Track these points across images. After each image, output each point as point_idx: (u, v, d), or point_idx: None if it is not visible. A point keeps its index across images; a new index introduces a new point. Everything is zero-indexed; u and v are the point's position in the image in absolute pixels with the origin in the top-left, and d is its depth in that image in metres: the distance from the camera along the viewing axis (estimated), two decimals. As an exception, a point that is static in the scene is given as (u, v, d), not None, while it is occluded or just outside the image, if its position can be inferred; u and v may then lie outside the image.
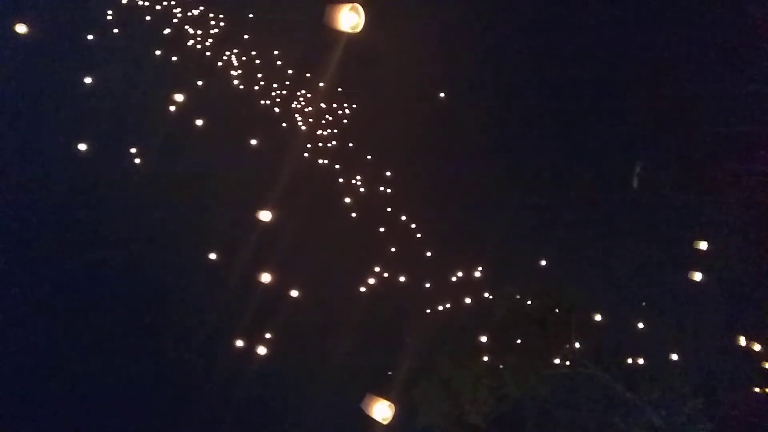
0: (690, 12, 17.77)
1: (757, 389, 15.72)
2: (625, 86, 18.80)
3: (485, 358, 16.93)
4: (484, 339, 17.60)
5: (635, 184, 18.21)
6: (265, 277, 16.30)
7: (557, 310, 17.47)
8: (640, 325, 16.92)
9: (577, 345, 17.01)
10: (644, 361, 16.58)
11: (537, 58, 20.43)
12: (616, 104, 18.82)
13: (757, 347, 15.90)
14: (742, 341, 15.88)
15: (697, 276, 15.81)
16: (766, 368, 15.74)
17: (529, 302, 17.80)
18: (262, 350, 17.58)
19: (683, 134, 18.09)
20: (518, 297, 18.04)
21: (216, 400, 19.20)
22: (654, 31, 18.34)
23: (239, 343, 18.21)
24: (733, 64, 16.68)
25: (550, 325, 17.37)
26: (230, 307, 18.96)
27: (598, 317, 17.32)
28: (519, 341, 17.25)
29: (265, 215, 14.79)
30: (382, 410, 8.58)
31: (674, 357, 16.01)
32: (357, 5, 7.19)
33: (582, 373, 16.73)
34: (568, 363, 16.94)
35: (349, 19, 7.24)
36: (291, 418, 19.63)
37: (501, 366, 16.65)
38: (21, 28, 16.59)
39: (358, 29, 7.41)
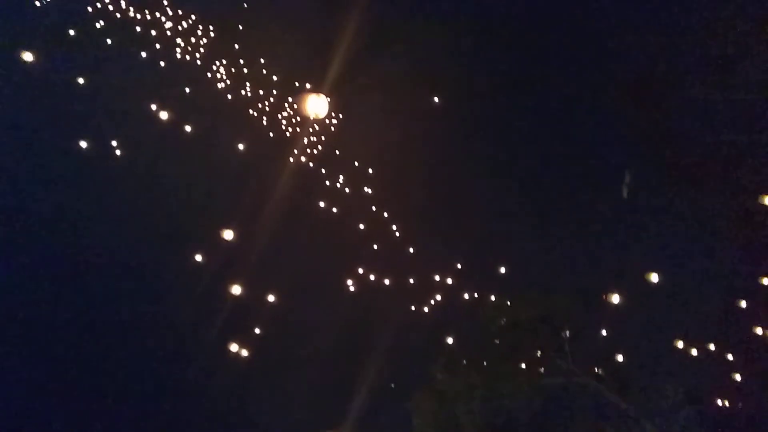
0: (679, 20, 18.23)
1: (720, 401, 15.74)
2: (614, 94, 19.15)
3: (479, 369, 16.82)
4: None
5: (625, 193, 18.42)
6: (236, 289, 16.99)
7: (549, 320, 17.44)
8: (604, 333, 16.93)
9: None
10: (637, 369, 16.62)
11: (525, 65, 20.78)
12: (605, 110, 19.21)
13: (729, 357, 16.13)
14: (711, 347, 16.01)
15: (615, 298, 16.05)
16: (735, 379, 15.84)
17: (520, 311, 17.75)
18: (244, 353, 17.60)
19: (670, 142, 18.43)
20: (509, 305, 18.02)
21: (195, 404, 19.06)
22: (642, 38, 18.78)
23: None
24: (721, 73, 17.11)
25: (542, 334, 17.34)
26: (212, 309, 18.88)
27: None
28: (512, 351, 17.18)
29: (228, 234, 16.37)
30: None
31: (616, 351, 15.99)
32: (322, 95, 7.93)
33: (575, 383, 16.70)
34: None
35: (314, 107, 7.88)
36: (269, 424, 19.48)
37: (495, 376, 16.55)
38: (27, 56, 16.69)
39: (322, 116, 8.26)
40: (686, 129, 18.20)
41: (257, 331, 18.29)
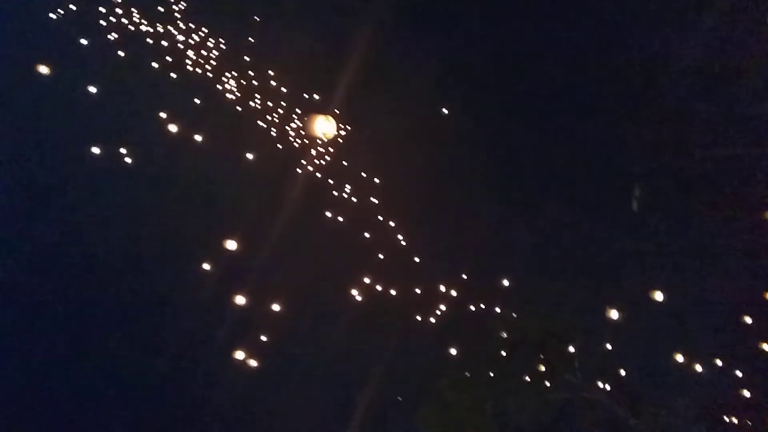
0: (690, 32, 18.28)
1: (732, 419, 15.47)
2: (622, 105, 19.18)
3: (487, 382, 16.62)
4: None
5: (635, 207, 18.32)
6: (240, 299, 17.41)
7: (557, 334, 17.24)
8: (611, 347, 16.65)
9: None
10: (647, 385, 16.39)
11: (532, 77, 20.93)
12: (613, 123, 19.21)
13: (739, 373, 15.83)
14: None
15: (614, 314, 15.83)
16: (745, 395, 15.54)
17: (528, 325, 17.58)
18: (247, 364, 17.60)
19: (676, 156, 18.36)
20: (516, 319, 17.86)
21: (196, 414, 19.02)
22: (651, 50, 18.88)
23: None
24: (728, 86, 17.09)
25: (550, 348, 17.13)
26: (216, 318, 18.93)
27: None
28: (520, 365, 16.99)
29: (231, 244, 17.21)
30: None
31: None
32: (330, 116, 8.30)
33: (584, 398, 16.46)
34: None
35: (323, 127, 8.17)
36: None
37: (503, 390, 16.35)
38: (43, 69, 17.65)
39: (330, 136, 8.70)
40: (691, 143, 18.14)
41: (261, 340, 18.24)
